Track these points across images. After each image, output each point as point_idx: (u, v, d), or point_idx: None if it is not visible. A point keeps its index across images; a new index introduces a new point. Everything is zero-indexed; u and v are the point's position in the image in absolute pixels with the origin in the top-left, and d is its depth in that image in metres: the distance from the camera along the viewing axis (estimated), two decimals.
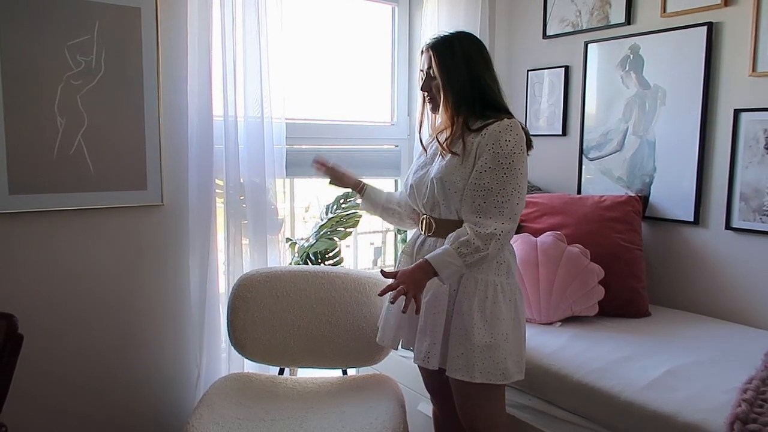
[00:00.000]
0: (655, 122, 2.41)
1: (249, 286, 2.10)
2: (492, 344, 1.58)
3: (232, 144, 2.25)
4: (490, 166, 1.57)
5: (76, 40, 2.00)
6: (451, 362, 1.61)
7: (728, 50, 2.20)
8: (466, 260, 1.53)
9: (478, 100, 1.65)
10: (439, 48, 1.67)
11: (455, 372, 1.60)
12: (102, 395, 2.18)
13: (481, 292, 1.60)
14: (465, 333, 1.59)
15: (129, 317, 2.21)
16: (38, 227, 2.02)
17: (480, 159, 1.59)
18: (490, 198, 1.56)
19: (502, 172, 1.56)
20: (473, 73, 1.65)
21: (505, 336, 1.60)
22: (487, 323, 1.59)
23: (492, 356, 1.58)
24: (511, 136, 1.57)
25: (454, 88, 1.64)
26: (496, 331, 1.59)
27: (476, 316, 1.58)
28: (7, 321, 1.57)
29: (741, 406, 1.42)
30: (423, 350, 1.65)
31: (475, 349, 1.57)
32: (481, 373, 1.57)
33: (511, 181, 1.56)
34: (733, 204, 2.19)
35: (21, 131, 1.94)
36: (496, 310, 1.60)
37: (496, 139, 1.57)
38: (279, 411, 1.87)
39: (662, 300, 2.42)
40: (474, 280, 1.61)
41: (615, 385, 1.66)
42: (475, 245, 1.54)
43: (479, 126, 1.62)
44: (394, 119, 2.98)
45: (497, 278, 1.63)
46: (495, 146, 1.57)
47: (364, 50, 2.91)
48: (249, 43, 2.24)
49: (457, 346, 1.60)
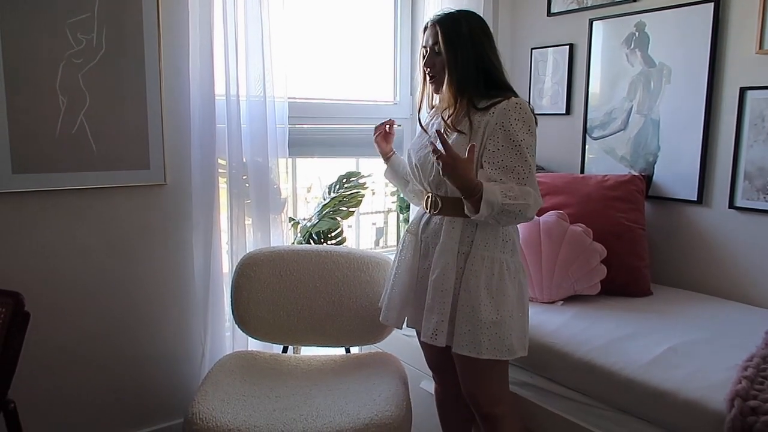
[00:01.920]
0: (660, 101, 2.39)
1: (252, 265, 2.11)
2: (498, 321, 1.59)
3: (235, 123, 2.24)
4: (503, 145, 1.57)
5: (76, 18, 1.98)
6: (458, 339, 1.61)
7: (735, 28, 2.17)
8: (505, 202, 1.50)
9: (483, 78, 1.64)
10: (446, 24, 1.64)
11: (462, 348, 1.60)
12: (107, 373, 2.20)
13: (487, 269, 1.61)
14: (472, 309, 1.59)
15: (133, 296, 2.23)
16: (42, 206, 2.02)
17: (491, 139, 1.58)
18: (508, 175, 1.57)
19: (516, 150, 1.56)
20: (478, 51, 1.63)
21: (510, 313, 1.61)
22: (493, 300, 1.60)
23: (498, 332, 1.59)
24: (521, 114, 1.58)
25: (459, 66, 1.63)
26: (502, 308, 1.60)
27: (483, 293, 1.59)
28: (13, 299, 1.58)
29: (741, 383, 1.43)
30: (431, 328, 1.65)
31: (482, 325, 1.58)
32: (488, 349, 1.58)
33: (527, 158, 1.57)
34: (737, 183, 2.18)
35: (23, 110, 1.93)
36: (502, 286, 1.61)
37: (506, 118, 1.57)
38: (283, 388, 1.89)
39: (664, 279, 2.43)
40: (481, 258, 1.61)
41: (616, 363, 1.67)
42: (517, 193, 1.52)
43: (486, 105, 1.61)
44: (397, 98, 2.96)
45: (503, 255, 1.63)
46: (506, 125, 1.57)
47: (366, 28, 2.88)
48: (251, 22, 2.22)
49: (464, 323, 1.60)
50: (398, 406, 1.74)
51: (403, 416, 1.72)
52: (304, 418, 1.68)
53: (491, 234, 1.63)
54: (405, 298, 1.78)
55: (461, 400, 1.88)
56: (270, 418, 1.68)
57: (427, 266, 1.71)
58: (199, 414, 1.66)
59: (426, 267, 1.72)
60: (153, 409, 2.31)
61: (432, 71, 1.69)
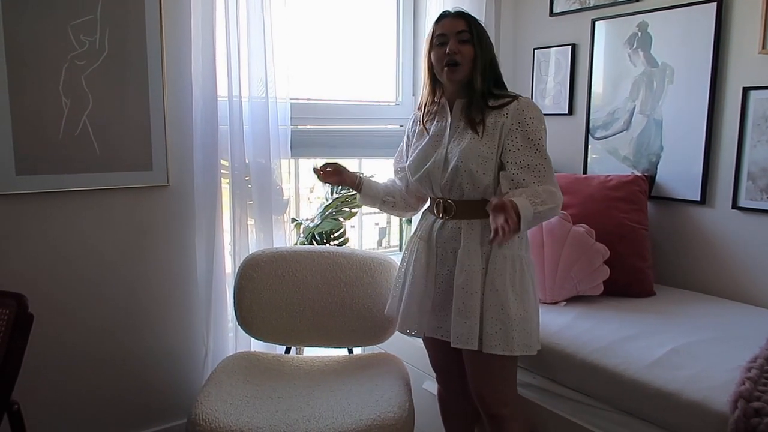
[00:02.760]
0: (663, 101, 2.39)
1: (255, 266, 2.11)
2: (525, 316, 1.63)
3: (237, 124, 2.25)
4: (522, 144, 1.62)
5: (79, 20, 1.98)
6: (488, 339, 1.60)
7: (737, 28, 2.16)
8: (537, 209, 1.53)
9: (492, 77, 1.69)
10: (472, 18, 1.70)
11: (494, 348, 1.60)
12: (110, 374, 2.21)
13: (510, 267, 1.63)
14: (501, 308, 1.60)
15: (136, 297, 2.23)
16: (45, 208, 2.03)
17: (509, 139, 1.63)
18: (530, 173, 1.61)
19: (535, 148, 1.62)
20: (491, 50, 1.71)
21: (534, 308, 1.67)
22: (518, 296, 1.63)
23: (525, 328, 1.62)
24: (536, 112, 1.64)
25: (486, 57, 1.68)
26: (527, 304, 1.64)
27: (509, 291, 1.62)
28: (17, 300, 1.59)
29: (745, 384, 1.43)
30: (464, 332, 1.62)
31: (512, 322, 1.60)
32: (519, 345, 1.60)
33: (546, 155, 1.64)
34: (741, 183, 2.18)
35: (27, 112, 1.94)
36: (524, 283, 1.65)
37: (522, 117, 1.62)
38: (286, 389, 1.89)
39: (667, 279, 2.42)
40: (503, 256, 1.63)
41: (619, 363, 1.67)
42: (544, 197, 1.56)
43: (496, 104, 1.65)
44: (399, 99, 2.96)
45: (521, 252, 1.66)
46: (523, 124, 1.62)
47: (368, 29, 2.88)
48: (253, 23, 2.22)
49: (494, 323, 1.60)
50: (401, 407, 1.74)
51: (406, 417, 1.72)
52: (306, 419, 1.69)
53: None
54: (422, 307, 1.74)
55: (464, 402, 1.88)
56: (272, 419, 1.69)
57: (446, 272, 1.70)
58: (202, 415, 1.66)
59: (446, 273, 1.70)
60: (156, 409, 2.32)
61: (458, 57, 1.65)
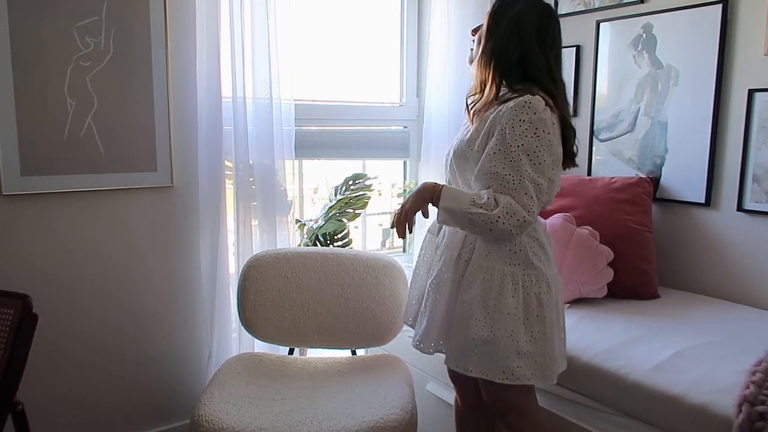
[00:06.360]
0: (668, 103, 2.38)
1: (259, 267, 2.11)
2: (491, 339, 1.43)
3: (241, 125, 2.25)
4: (499, 149, 1.42)
5: (84, 21, 1.99)
6: (449, 351, 1.52)
7: (743, 29, 2.16)
8: (471, 211, 1.38)
9: (516, 68, 1.49)
10: (499, 7, 1.53)
11: (451, 361, 1.51)
12: (114, 374, 2.22)
13: (484, 281, 1.47)
14: (462, 323, 1.48)
15: (141, 298, 2.24)
16: (50, 208, 2.04)
17: (491, 140, 1.45)
18: (495, 182, 1.42)
19: (507, 155, 1.40)
20: (522, 39, 1.48)
21: (510, 333, 1.44)
22: (489, 316, 1.45)
23: (489, 352, 1.44)
24: (527, 114, 1.40)
25: (496, 43, 1.49)
26: (498, 325, 1.44)
27: (476, 307, 1.45)
28: (21, 301, 1.59)
29: (749, 387, 1.42)
30: (419, 333, 1.58)
31: (470, 342, 1.45)
32: (476, 367, 1.45)
33: (520, 165, 1.39)
34: (746, 185, 2.17)
35: (32, 113, 1.95)
36: (500, 302, 1.44)
37: (509, 117, 1.42)
38: (289, 390, 1.89)
39: (672, 282, 2.42)
40: (479, 267, 1.48)
41: (623, 367, 1.66)
42: (488, 201, 1.39)
43: (504, 99, 1.47)
44: (403, 100, 2.96)
45: (508, 268, 1.47)
46: (506, 126, 1.41)
47: (372, 30, 2.88)
48: (257, 24, 2.22)
49: (455, 336, 1.50)
50: (403, 409, 1.73)
51: (409, 419, 1.72)
52: (309, 421, 1.69)
53: (495, 242, 1.49)
54: (421, 299, 1.69)
55: (479, 416, 1.81)
56: (275, 420, 1.69)
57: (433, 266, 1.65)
58: (205, 416, 1.66)
59: None
60: (159, 410, 2.32)
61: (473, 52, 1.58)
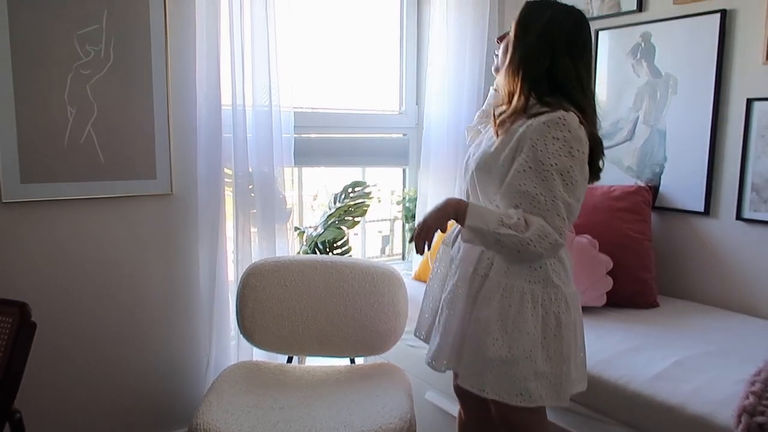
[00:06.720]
0: (667, 111, 2.39)
1: (258, 275, 2.11)
2: (509, 359, 1.36)
3: (241, 133, 2.25)
4: (530, 166, 1.34)
5: (85, 30, 2.00)
6: (463, 370, 1.45)
7: (741, 38, 2.16)
8: (500, 231, 1.30)
9: (546, 80, 1.41)
10: (534, 5, 1.45)
11: (465, 381, 1.43)
12: (112, 382, 2.21)
13: (503, 299, 1.39)
14: (479, 342, 1.40)
15: (139, 305, 2.23)
16: (49, 216, 2.04)
17: (520, 155, 1.36)
18: (527, 202, 1.34)
19: (541, 175, 1.32)
20: (552, 48, 1.40)
21: (529, 353, 1.37)
22: (507, 335, 1.38)
23: (508, 373, 1.37)
24: (561, 132, 1.32)
25: (524, 54, 1.41)
26: (517, 345, 1.37)
27: (494, 326, 1.38)
28: (20, 309, 1.59)
29: (749, 398, 1.42)
30: (431, 350, 1.52)
31: (488, 362, 1.38)
32: (492, 388, 1.38)
33: (553, 185, 1.32)
34: (745, 194, 2.17)
35: (32, 121, 1.95)
36: (519, 321, 1.38)
37: (541, 134, 1.33)
38: (287, 399, 1.88)
39: (671, 291, 2.41)
40: (497, 284, 1.41)
41: (622, 376, 1.66)
42: (518, 222, 1.30)
43: (532, 113, 1.39)
44: (403, 108, 2.97)
45: (528, 285, 1.40)
46: (538, 143, 1.33)
47: (372, 38, 2.89)
48: (257, 32, 2.23)
49: (469, 355, 1.43)
50: (402, 419, 1.73)
51: (408, 428, 1.71)
52: (307, 430, 1.68)
53: (520, 262, 1.41)
54: (435, 313, 1.62)
55: (485, 425, 1.72)
56: (274, 429, 1.68)
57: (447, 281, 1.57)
58: (203, 425, 1.65)
59: None
60: (157, 418, 2.31)
61: (497, 61, 1.52)
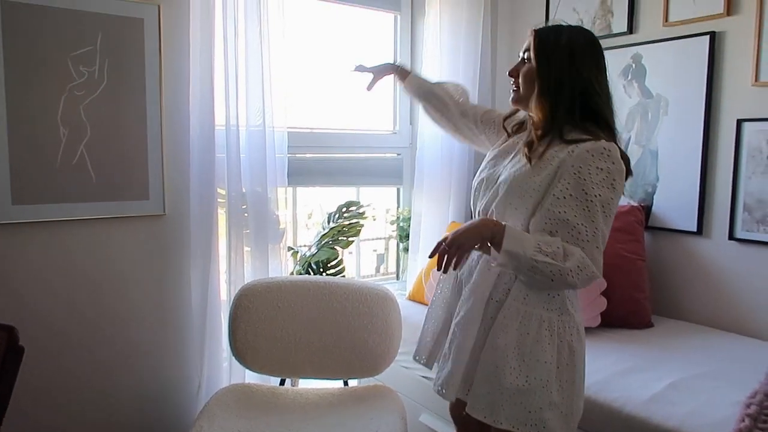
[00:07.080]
0: (658, 132, 2.40)
1: (250, 296, 2.10)
2: (526, 389, 1.33)
3: (234, 153, 2.25)
4: (571, 194, 1.31)
5: (79, 51, 2.00)
6: (474, 399, 1.38)
7: (731, 60, 2.19)
8: (537, 258, 1.26)
9: (579, 106, 1.38)
10: (545, 32, 1.43)
11: (477, 411, 1.37)
12: (102, 405, 2.18)
13: (521, 326, 1.36)
14: (495, 371, 1.35)
15: (130, 327, 2.21)
16: (41, 237, 2.02)
17: (561, 181, 1.33)
18: (566, 231, 1.30)
19: (584, 205, 1.30)
20: (579, 71, 1.38)
21: (545, 383, 1.34)
22: (524, 363, 1.34)
23: (524, 402, 1.33)
24: (605, 163, 1.31)
25: (552, 82, 1.39)
26: (534, 374, 1.34)
27: (511, 354, 1.34)
28: (8, 333, 1.56)
29: (745, 421, 1.41)
30: (441, 378, 1.47)
31: (504, 391, 1.34)
32: (507, 419, 1.34)
33: (595, 217, 1.29)
34: (737, 214, 2.18)
35: (24, 141, 1.95)
36: (536, 349, 1.34)
37: (584, 162, 1.31)
38: (280, 423, 1.86)
39: (665, 311, 2.41)
40: (515, 311, 1.37)
41: (617, 399, 1.65)
42: (557, 251, 1.27)
43: (572, 139, 1.36)
44: (396, 128, 2.98)
45: (546, 313, 1.36)
46: (582, 172, 1.30)
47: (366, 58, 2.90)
48: (251, 53, 2.24)
49: (483, 383, 1.38)
50: None
51: None
52: None
53: (543, 290, 1.38)
54: (437, 337, 1.59)
55: None
56: None
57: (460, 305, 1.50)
58: None
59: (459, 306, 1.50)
60: None
61: (515, 82, 1.49)
